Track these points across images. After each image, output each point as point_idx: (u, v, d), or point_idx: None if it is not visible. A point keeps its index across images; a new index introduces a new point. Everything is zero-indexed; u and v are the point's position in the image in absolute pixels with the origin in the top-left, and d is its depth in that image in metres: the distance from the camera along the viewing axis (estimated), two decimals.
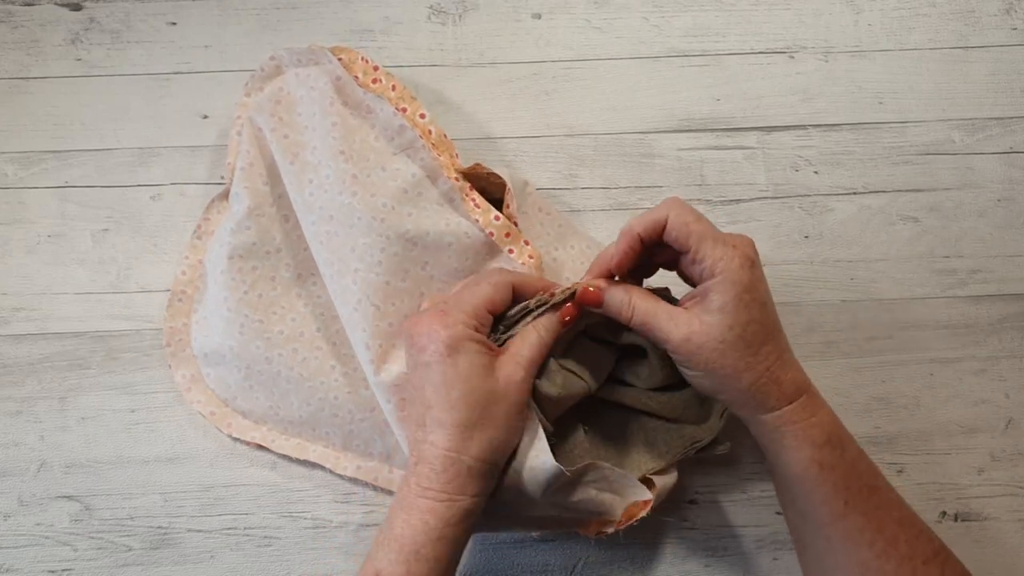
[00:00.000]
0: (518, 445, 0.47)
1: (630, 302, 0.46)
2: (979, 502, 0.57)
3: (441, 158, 0.54)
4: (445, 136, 0.55)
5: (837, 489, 0.45)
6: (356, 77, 0.55)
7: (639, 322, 0.46)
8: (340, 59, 0.55)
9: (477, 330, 0.46)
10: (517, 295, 0.49)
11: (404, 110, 0.55)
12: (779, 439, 0.46)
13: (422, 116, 0.55)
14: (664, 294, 0.49)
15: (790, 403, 0.45)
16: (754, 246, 0.46)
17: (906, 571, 0.44)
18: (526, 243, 0.54)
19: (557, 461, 0.46)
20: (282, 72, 0.57)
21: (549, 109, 0.62)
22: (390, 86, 0.55)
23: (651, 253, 0.48)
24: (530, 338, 0.47)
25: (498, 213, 0.54)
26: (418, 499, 0.44)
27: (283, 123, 0.55)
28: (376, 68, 0.55)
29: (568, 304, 0.48)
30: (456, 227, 0.53)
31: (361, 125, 0.54)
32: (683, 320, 0.45)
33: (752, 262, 0.45)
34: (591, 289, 0.47)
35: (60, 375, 0.58)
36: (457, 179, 0.54)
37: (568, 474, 0.46)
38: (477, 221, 0.53)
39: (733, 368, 0.44)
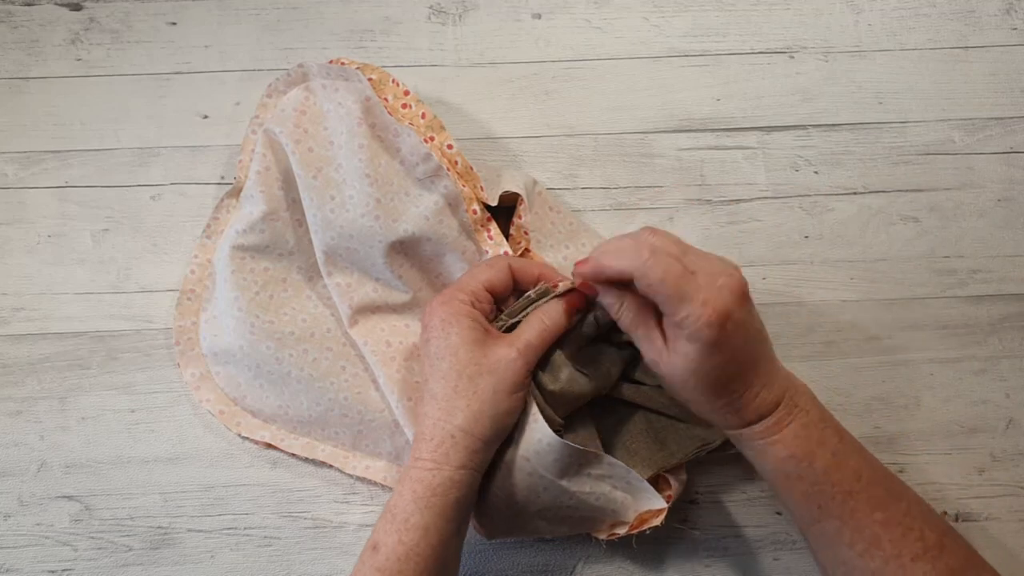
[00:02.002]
0: (521, 430, 0.48)
1: (621, 307, 0.46)
2: (980, 502, 0.57)
3: (465, 189, 0.54)
4: (471, 168, 0.54)
5: (808, 497, 0.45)
6: (385, 100, 0.54)
7: (623, 327, 0.47)
8: (370, 79, 0.54)
9: (473, 306, 0.49)
10: (516, 278, 0.51)
11: (431, 139, 0.54)
12: (744, 450, 0.48)
13: (449, 147, 0.54)
14: None
15: (747, 426, 0.46)
16: (736, 289, 0.43)
17: (893, 568, 0.44)
18: None
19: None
20: (308, 79, 0.56)
21: (549, 109, 0.62)
22: (419, 113, 0.55)
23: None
24: (533, 323, 0.49)
25: (508, 249, 0.55)
26: (410, 470, 0.46)
27: (308, 135, 0.54)
28: (407, 92, 0.55)
29: (573, 293, 0.49)
30: (471, 257, 0.55)
31: (387, 149, 0.54)
32: (658, 345, 0.45)
33: (724, 316, 0.42)
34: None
35: (60, 375, 0.58)
36: (476, 212, 0.54)
37: (572, 447, 0.48)
38: (487, 252, 0.55)
39: (693, 399, 0.46)
